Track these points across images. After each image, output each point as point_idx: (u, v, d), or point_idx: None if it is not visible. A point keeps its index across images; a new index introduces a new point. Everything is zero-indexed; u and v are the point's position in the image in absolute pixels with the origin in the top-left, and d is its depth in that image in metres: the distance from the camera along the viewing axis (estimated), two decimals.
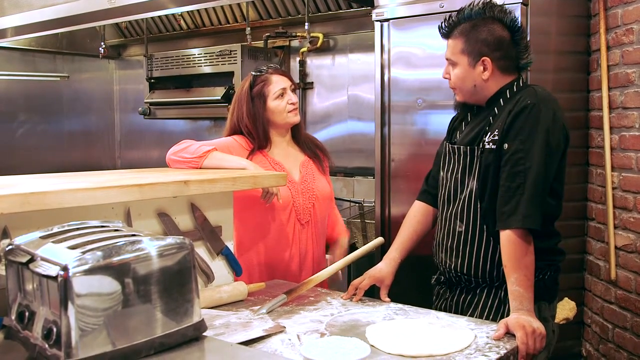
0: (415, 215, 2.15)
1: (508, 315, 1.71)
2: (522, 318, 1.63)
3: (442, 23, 1.95)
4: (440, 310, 1.96)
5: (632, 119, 2.51)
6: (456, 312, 1.93)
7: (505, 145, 1.80)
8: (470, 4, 1.92)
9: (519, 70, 1.94)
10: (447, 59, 1.95)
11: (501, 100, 1.89)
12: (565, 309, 2.28)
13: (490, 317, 1.87)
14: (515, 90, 1.89)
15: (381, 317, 1.79)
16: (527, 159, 1.76)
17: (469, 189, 1.90)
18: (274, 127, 2.37)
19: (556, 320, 1.99)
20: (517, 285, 1.70)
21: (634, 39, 2.49)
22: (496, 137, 1.83)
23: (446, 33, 1.94)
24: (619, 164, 2.58)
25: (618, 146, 2.59)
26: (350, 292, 1.99)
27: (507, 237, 1.75)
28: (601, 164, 2.68)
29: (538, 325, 1.63)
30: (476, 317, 1.86)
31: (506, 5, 2.04)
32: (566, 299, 2.34)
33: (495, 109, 1.89)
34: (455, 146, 1.96)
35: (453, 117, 2.11)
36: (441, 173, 2.02)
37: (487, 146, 1.85)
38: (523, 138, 1.77)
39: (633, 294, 2.50)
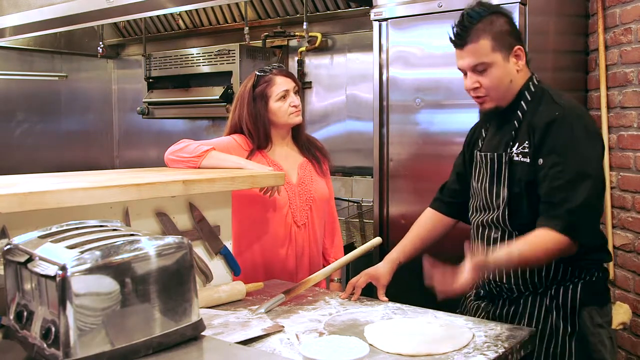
0: (424, 222, 2.13)
1: (556, 323, 1.71)
2: (475, 262, 1.59)
3: (454, 35, 1.82)
4: None
5: (631, 119, 2.51)
6: None
7: (540, 161, 1.74)
8: (466, 6, 1.87)
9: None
10: (472, 67, 1.80)
11: (522, 102, 1.83)
12: (619, 312, 2.11)
13: (539, 326, 1.78)
14: (533, 90, 1.83)
15: (379, 317, 1.79)
16: (566, 172, 1.69)
17: (501, 197, 1.83)
18: (275, 127, 2.36)
19: (612, 326, 1.87)
20: (511, 252, 1.67)
21: (632, 39, 2.49)
22: (526, 150, 1.77)
23: (462, 42, 1.80)
24: (618, 163, 2.59)
25: (616, 145, 2.59)
26: (348, 292, 1.99)
27: (547, 234, 1.67)
28: None
29: (466, 277, 1.57)
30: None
31: (505, 5, 2.04)
32: (618, 302, 2.16)
33: (518, 111, 1.83)
34: (482, 153, 1.91)
35: (472, 127, 2.06)
36: (473, 184, 1.96)
37: (515, 158, 1.79)
38: (559, 152, 1.71)
39: (631, 294, 2.50)
